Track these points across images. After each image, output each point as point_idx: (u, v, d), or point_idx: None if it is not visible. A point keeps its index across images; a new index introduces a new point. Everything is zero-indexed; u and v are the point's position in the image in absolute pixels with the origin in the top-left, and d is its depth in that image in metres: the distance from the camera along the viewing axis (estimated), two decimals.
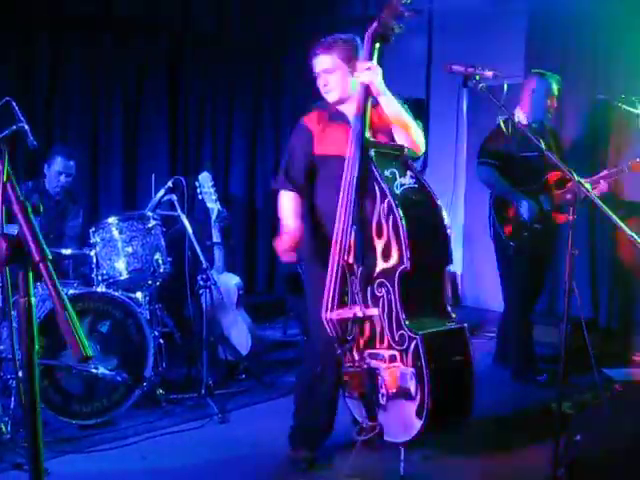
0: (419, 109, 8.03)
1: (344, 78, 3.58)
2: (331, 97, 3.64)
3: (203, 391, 4.76)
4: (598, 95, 5.80)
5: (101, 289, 4.52)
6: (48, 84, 6.52)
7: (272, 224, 7.64)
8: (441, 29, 7.90)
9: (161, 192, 5.05)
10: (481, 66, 3.62)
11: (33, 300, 1.55)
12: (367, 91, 3.48)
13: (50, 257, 1.50)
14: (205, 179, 5.34)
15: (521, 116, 5.22)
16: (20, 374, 3.55)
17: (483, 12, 7.19)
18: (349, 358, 3.49)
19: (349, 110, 3.60)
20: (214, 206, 5.27)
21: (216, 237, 5.39)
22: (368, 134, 3.47)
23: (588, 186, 4.19)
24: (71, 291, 4.37)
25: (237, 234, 7.50)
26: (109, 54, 6.82)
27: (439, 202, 3.50)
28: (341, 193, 3.42)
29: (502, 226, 5.27)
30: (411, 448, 3.50)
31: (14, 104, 4.20)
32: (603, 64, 6.46)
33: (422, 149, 3.66)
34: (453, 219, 7.79)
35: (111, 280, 4.62)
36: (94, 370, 4.28)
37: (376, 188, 3.36)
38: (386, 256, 3.32)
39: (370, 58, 3.49)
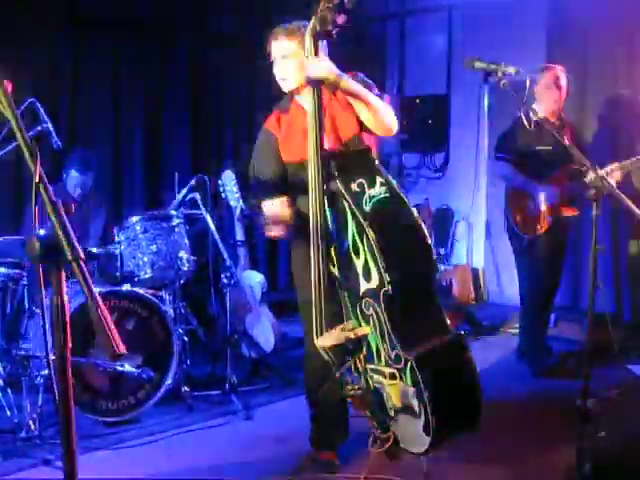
0: (441, 105, 8.05)
1: (301, 66, 3.31)
2: (286, 86, 3.45)
3: (227, 388, 4.80)
4: (620, 90, 5.80)
5: (126, 287, 4.56)
6: (70, 84, 6.58)
7: None
8: (461, 25, 7.89)
9: (184, 191, 5.09)
10: (504, 62, 3.54)
11: (65, 298, 1.58)
12: (318, 95, 3.18)
13: (82, 256, 1.53)
14: (228, 177, 5.37)
15: (538, 110, 5.24)
16: (46, 372, 3.61)
17: (503, 6, 7.18)
18: (350, 378, 3.30)
19: (307, 100, 3.28)
20: (237, 204, 5.30)
21: (239, 235, 5.43)
22: (327, 144, 3.25)
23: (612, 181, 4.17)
24: (97, 289, 4.41)
25: (258, 232, 7.52)
26: (130, 53, 6.88)
27: (412, 208, 3.25)
28: (310, 207, 3.17)
29: (516, 220, 5.32)
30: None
31: (38, 105, 4.25)
32: (624, 58, 6.44)
33: (394, 127, 3.39)
34: (475, 215, 7.80)
35: (136, 278, 4.66)
36: (120, 368, 4.32)
37: (345, 205, 3.11)
38: (367, 277, 3.11)
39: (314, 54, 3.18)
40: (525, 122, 5.18)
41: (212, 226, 4.92)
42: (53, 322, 1.60)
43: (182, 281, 4.92)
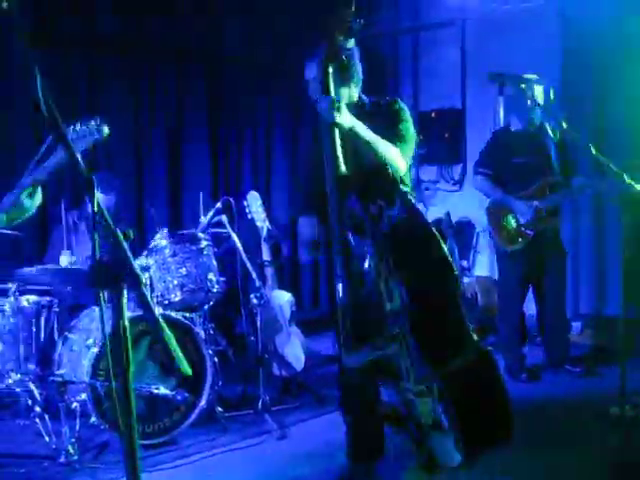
0: (456, 118, 8.09)
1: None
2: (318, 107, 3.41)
3: (260, 407, 4.81)
4: None
5: (157, 311, 4.60)
6: (89, 106, 6.66)
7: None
8: (474, 38, 7.94)
9: (211, 213, 5.14)
10: (524, 76, 3.56)
11: (127, 322, 1.62)
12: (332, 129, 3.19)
13: (143, 281, 1.57)
14: (253, 198, 5.42)
15: (516, 122, 5.35)
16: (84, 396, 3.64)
17: (516, 19, 7.23)
18: (383, 395, 3.37)
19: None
20: (263, 225, 5.35)
21: (266, 255, 5.47)
22: (344, 167, 3.21)
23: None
24: (129, 313, 4.45)
25: (286, 251, 7.59)
26: (149, 75, 6.98)
27: (433, 229, 3.23)
28: (332, 230, 3.22)
29: (497, 234, 5.39)
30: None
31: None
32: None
33: (402, 168, 3.42)
34: None
35: (166, 301, 4.70)
36: (155, 390, 4.36)
37: (365, 227, 3.13)
38: (390, 297, 3.10)
39: (326, 89, 3.22)
40: (499, 135, 5.31)
41: (240, 247, 4.96)
42: (114, 345, 1.63)
43: (211, 302, 4.96)
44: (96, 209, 1.61)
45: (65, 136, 1.70)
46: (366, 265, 3.16)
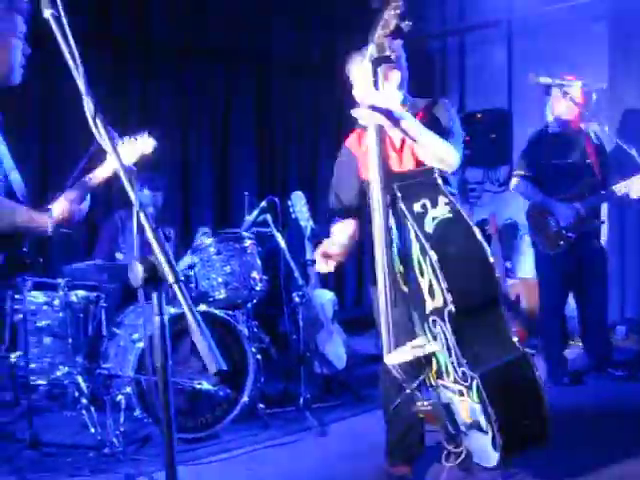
0: (503, 119, 8.06)
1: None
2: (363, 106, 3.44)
3: (301, 405, 4.89)
4: None
5: (201, 308, 4.69)
6: (140, 113, 6.81)
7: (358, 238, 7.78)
8: (521, 38, 7.90)
9: (255, 212, 5.21)
10: (567, 78, 3.55)
11: (166, 318, 1.69)
12: (378, 128, 3.22)
13: (182, 279, 1.63)
14: (297, 198, 5.49)
15: (555, 123, 5.32)
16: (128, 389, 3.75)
17: (563, 19, 7.18)
18: (421, 394, 3.36)
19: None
20: (307, 224, 5.41)
21: (309, 254, 5.54)
22: (400, 165, 3.35)
23: None
24: (173, 310, 4.53)
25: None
26: (197, 82, 7.09)
27: (476, 229, 3.24)
28: (375, 229, 3.24)
29: (538, 236, 5.36)
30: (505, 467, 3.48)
31: (115, 134, 4.41)
32: None
33: (454, 163, 3.37)
34: None
35: (210, 299, 4.78)
36: (198, 386, 4.45)
37: (409, 225, 3.14)
38: (432, 295, 3.13)
39: (377, 87, 3.22)
40: (539, 136, 5.28)
41: (283, 246, 5.02)
42: (155, 342, 1.69)
43: (255, 301, 5.03)
44: (137, 208, 1.67)
45: (113, 150, 1.77)
46: (411, 265, 3.19)
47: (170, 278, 1.62)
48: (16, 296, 4.76)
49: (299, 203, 5.45)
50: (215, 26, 7.06)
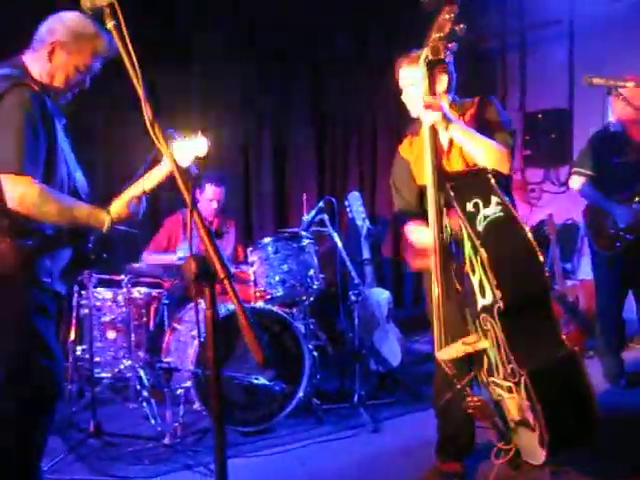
0: (563, 119, 8.00)
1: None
2: (414, 112, 3.59)
3: (356, 401, 4.96)
4: None
5: (259, 305, 4.80)
6: (201, 114, 6.95)
7: None
8: (582, 37, 7.83)
9: (313, 212, 5.30)
10: (622, 78, 3.53)
11: (216, 311, 1.78)
12: (432, 128, 3.31)
13: (232, 274, 1.73)
14: (354, 198, 5.57)
15: (615, 123, 5.27)
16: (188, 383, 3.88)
17: (624, 16, 7.10)
18: (471, 390, 3.40)
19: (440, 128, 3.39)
20: (363, 224, 5.48)
21: (366, 253, 5.62)
22: (444, 162, 3.40)
23: None
24: (232, 307, 4.65)
25: (385, 250, 7.71)
26: (255, 83, 7.22)
27: (526, 227, 3.27)
28: (430, 228, 3.32)
29: (595, 237, 5.30)
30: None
31: (176, 135, 4.53)
32: None
33: (507, 164, 3.42)
34: None
35: (268, 296, 4.89)
36: (254, 380, 4.56)
37: (461, 224, 3.22)
38: (482, 293, 3.19)
39: (432, 89, 3.29)
40: (600, 136, 5.23)
41: (340, 245, 5.10)
42: (206, 334, 1.79)
43: (312, 298, 5.12)
44: (191, 207, 1.77)
45: (169, 153, 1.88)
46: (463, 263, 3.25)
47: (221, 273, 1.72)
48: (82, 292, 4.96)
49: (356, 203, 5.53)
50: (271, 26, 7.17)
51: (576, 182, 5.39)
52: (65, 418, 4.58)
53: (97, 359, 4.99)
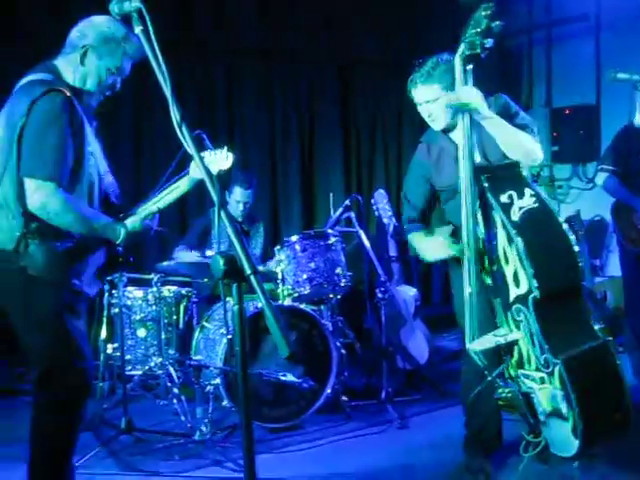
0: (591, 115, 7.96)
1: (444, 107, 3.49)
2: (437, 126, 3.63)
3: (383, 398, 5.00)
4: None
5: (287, 303, 4.85)
6: (227, 112, 7.04)
7: None
8: (609, 33, 7.79)
9: (339, 210, 5.33)
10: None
11: (243, 307, 1.83)
12: (468, 121, 3.36)
13: (259, 270, 1.77)
14: (380, 196, 5.59)
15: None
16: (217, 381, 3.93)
17: None
18: (502, 382, 3.46)
19: (457, 135, 3.52)
20: (390, 221, 5.51)
21: (393, 251, 5.65)
22: (478, 158, 3.43)
23: None
24: (260, 305, 4.69)
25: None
26: (281, 82, 7.28)
27: (560, 219, 3.36)
28: (463, 222, 3.37)
29: (624, 234, 5.27)
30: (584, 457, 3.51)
31: (204, 136, 4.59)
32: None
33: (538, 157, 3.48)
34: None
35: (296, 294, 4.92)
36: (282, 377, 4.61)
37: (496, 216, 3.27)
38: (517, 283, 3.25)
39: (464, 79, 3.34)
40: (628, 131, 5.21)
41: (367, 243, 5.13)
42: (234, 329, 1.84)
43: (339, 296, 5.16)
44: (219, 205, 1.82)
45: (197, 155, 1.93)
46: (496, 254, 3.31)
47: (247, 270, 1.77)
48: (113, 291, 5.04)
49: (382, 201, 5.55)
50: (298, 27, 7.22)
51: (601, 178, 5.38)
52: (97, 415, 4.66)
53: (128, 357, 5.06)
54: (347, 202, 5.35)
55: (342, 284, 4.99)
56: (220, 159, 3.27)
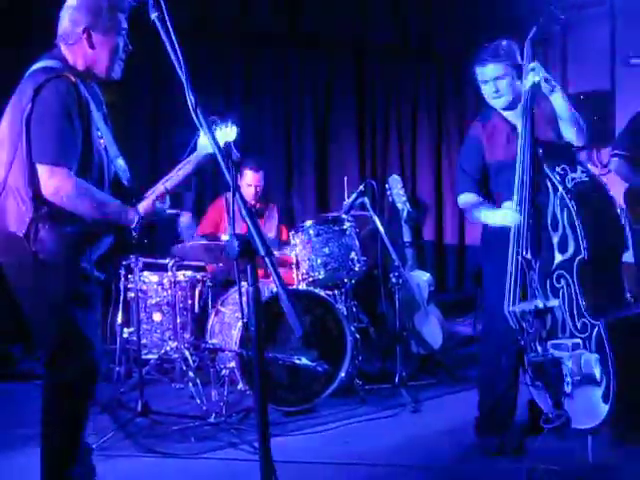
0: (605, 101, 7.93)
1: (513, 83, 3.74)
2: (501, 103, 3.81)
3: (397, 382, 5.03)
4: None
5: (302, 287, 4.88)
6: (243, 98, 7.06)
7: (460, 222, 7.85)
8: (624, 18, 7.74)
9: (354, 195, 5.35)
10: None
11: (259, 287, 1.86)
12: (533, 92, 3.64)
13: (273, 252, 1.80)
14: (394, 181, 5.61)
15: None
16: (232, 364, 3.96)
17: None
18: (532, 349, 3.60)
19: (513, 115, 3.81)
20: (404, 207, 5.52)
21: (407, 236, 5.67)
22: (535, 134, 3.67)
23: None
24: (275, 289, 4.73)
25: (427, 233, 7.76)
26: (298, 66, 7.30)
27: (611, 193, 3.61)
28: (515, 192, 3.59)
29: (635, 219, 5.26)
30: (600, 435, 3.54)
31: (219, 121, 4.63)
32: None
33: (584, 138, 3.72)
34: None
35: (310, 279, 4.95)
36: (297, 361, 4.65)
37: (548, 184, 3.52)
38: (563, 248, 3.47)
39: (532, 60, 3.65)
40: None
41: (381, 228, 5.16)
42: (249, 310, 1.87)
43: (353, 281, 5.19)
44: (234, 188, 1.85)
45: (212, 138, 1.96)
46: (543, 223, 3.56)
47: (261, 251, 1.80)
48: (129, 276, 5.09)
49: (396, 186, 5.57)
50: (314, 12, 7.22)
51: (614, 163, 5.38)
52: (114, 398, 4.73)
53: (144, 341, 5.13)
54: (361, 187, 5.36)
55: (356, 269, 5.01)
56: (225, 132, 3.33)
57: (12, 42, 5.68)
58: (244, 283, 1.92)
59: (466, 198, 3.93)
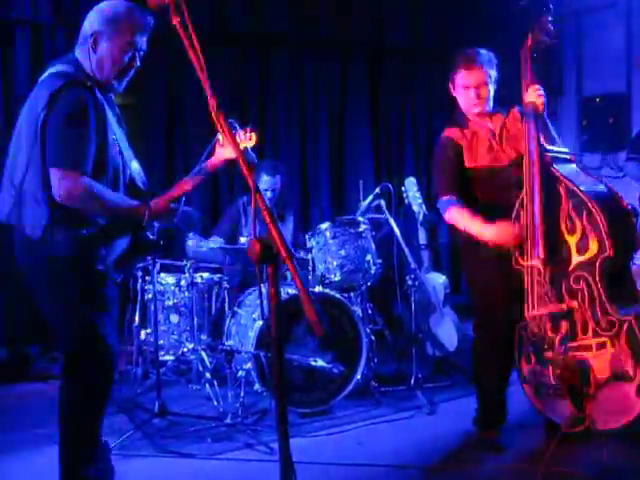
0: (621, 104, 7.92)
1: (492, 91, 3.85)
2: (481, 108, 3.86)
3: (412, 384, 5.04)
4: None
5: (318, 289, 4.90)
6: (258, 100, 7.09)
7: None
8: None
9: (370, 198, 5.37)
10: None
11: (279, 290, 1.88)
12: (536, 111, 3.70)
13: (295, 255, 1.82)
14: (410, 184, 5.62)
15: None
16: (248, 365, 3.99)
17: None
18: (554, 352, 3.61)
19: (489, 120, 3.91)
20: (420, 209, 5.53)
21: (422, 239, 5.68)
22: (513, 152, 3.79)
23: None
24: (291, 291, 4.75)
25: (443, 235, 7.75)
26: (313, 68, 7.32)
27: (619, 193, 3.69)
28: (524, 199, 3.63)
29: None
30: (613, 437, 3.57)
31: (236, 125, 4.65)
32: None
33: None
34: None
35: (326, 281, 4.97)
36: (313, 363, 4.67)
37: (560, 188, 3.56)
38: (582, 249, 3.49)
39: (533, 77, 3.76)
40: None
41: (397, 231, 5.17)
42: (269, 312, 1.89)
43: (369, 283, 5.20)
44: (255, 193, 1.87)
45: (232, 141, 1.99)
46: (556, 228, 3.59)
47: (283, 253, 1.82)
48: (146, 277, 5.13)
49: (412, 189, 5.58)
50: (328, 14, 7.23)
51: (628, 167, 5.38)
52: (131, 399, 4.77)
53: (161, 342, 5.15)
54: (377, 190, 5.38)
55: (372, 271, 5.03)
56: (245, 138, 3.37)
57: None
58: (263, 285, 1.94)
59: (455, 205, 3.84)
